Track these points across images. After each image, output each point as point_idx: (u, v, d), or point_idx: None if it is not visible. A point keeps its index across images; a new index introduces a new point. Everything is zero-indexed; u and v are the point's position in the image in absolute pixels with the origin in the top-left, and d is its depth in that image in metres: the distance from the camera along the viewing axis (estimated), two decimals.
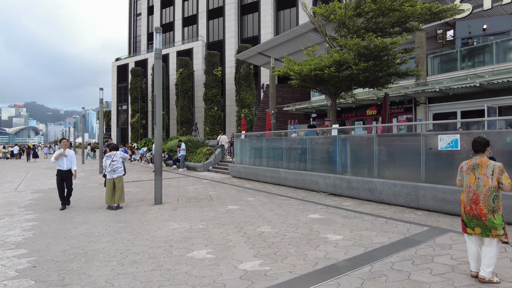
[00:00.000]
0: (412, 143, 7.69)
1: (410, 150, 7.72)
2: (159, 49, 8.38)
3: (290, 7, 40.87)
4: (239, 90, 37.75)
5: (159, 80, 8.39)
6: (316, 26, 12.32)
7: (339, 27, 11.04)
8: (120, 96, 51.63)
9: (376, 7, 9.77)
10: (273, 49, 24.01)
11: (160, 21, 49.79)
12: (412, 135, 8.23)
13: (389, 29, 10.72)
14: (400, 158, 8.00)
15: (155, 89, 8.45)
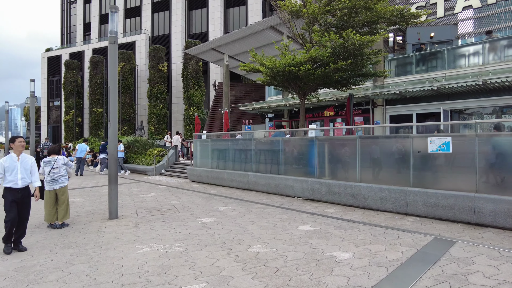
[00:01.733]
0: (399, 146, 7.35)
1: (396, 152, 7.38)
2: (115, 31, 6.94)
3: (240, 5, 40.14)
4: (187, 87, 35.96)
5: (115, 68, 6.94)
6: (284, 20, 11.68)
7: (310, 22, 10.49)
8: (52, 91, 46.12)
9: (351, 4, 9.39)
10: (227, 45, 22.99)
11: (98, 11, 45.55)
12: (399, 137, 7.92)
13: (359, 29, 10.48)
14: (386, 161, 7.62)
15: (110, 80, 6.98)
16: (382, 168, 7.70)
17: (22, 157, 5.23)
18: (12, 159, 5.12)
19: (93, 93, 40.45)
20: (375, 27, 10.44)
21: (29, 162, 5.32)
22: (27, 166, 5.26)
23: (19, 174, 5.09)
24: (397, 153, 7.38)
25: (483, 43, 13.39)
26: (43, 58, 46.84)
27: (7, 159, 5.10)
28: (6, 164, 5.05)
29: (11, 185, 5.01)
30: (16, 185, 5.04)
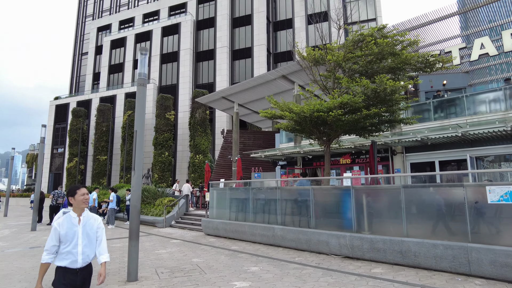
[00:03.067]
0: (451, 196, 6.64)
1: (449, 203, 6.65)
2: (144, 74, 6.62)
3: (246, 57, 41.63)
4: (194, 135, 35.87)
5: (142, 110, 6.49)
6: (304, 67, 11.59)
7: (334, 69, 10.34)
8: (57, 138, 46.06)
9: (377, 50, 9.28)
10: (238, 94, 23.16)
11: (108, 61, 47.18)
12: (449, 186, 7.23)
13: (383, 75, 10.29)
14: (436, 213, 6.85)
15: (137, 123, 6.49)
16: (432, 221, 6.90)
17: (85, 217, 3.33)
18: (72, 222, 3.23)
19: (98, 141, 40.31)
20: (399, 73, 10.26)
21: (95, 224, 3.40)
22: (92, 231, 3.34)
23: (80, 245, 3.21)
24: (449, 204, 6.64)
25: (503, 90, 13.25)
26: (51, 106, 47.51)
27: (63, 223, 3.20)
28: (62, 230, 3.18)
29: (67, 263, 3.16)
30: (75, 264, 3.19)
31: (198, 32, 43.73)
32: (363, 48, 9.44)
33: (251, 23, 41.46)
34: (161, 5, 47.01)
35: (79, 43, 56.01)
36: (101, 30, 50.97)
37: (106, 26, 50.55)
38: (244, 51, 41.58)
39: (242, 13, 42.43)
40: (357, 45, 10.21)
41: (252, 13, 41.46)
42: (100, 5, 56.33)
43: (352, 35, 9.83)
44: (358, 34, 10.11)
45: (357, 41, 10.09)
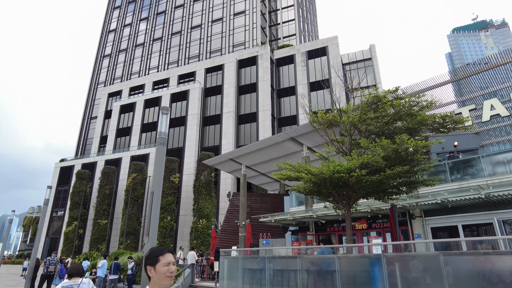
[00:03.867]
0: (500, 264, 5.93)
1: (500, 273, 5.90)
2: (164, 133, 6.45)
3: (251, 122, 42.68)
4: (198, 198, 35.07)
5: (160, 171, 6.17)
6: (318, 128, 11.57)
7: (350, 130, 10.25)
8: (58, 201, 45.14)
9: (394, 111, 9.27)
10: (246, 156, 23.07)
11: (117, 125, 48.40)
12: (501, 254, 6.53)
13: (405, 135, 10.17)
14: (487, 284, 6.05)
15: (154, 184, 6.11)
16: None
17: None
18: None
19: (99, 204, 39.37)
20: (415, 134, 10.14)
21: None
22: None
23: None
24: (501, 274, 5.89)
25: None
26: (56, 168, 47.50)
27: None
28: None
29: None
30: None
31: (205, 99, 45.52)
32: (380, 109, 9.45)
33: (256, 90, 43.34)
34: (171, 73, 49.79)
35: (89, 108, 58.18)
36: (112, 96, 53.29)
37: (117, 92, 52.97)
38: (249, 116, 42.78)
39: (248, 81, 44.63)
40: (370, 107, 10.27)
41: (257, 81, 43.59)
42: (113, 73, 59.80)
43: (367, 97, 9.94)
44: (372, 96, 10.22)
45: (371, 103, 10.17)
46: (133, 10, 64.25)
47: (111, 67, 60.64)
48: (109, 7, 68.76)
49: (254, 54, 45.05)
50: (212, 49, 51.87)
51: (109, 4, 69.26)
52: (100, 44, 64.83)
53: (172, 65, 54.23)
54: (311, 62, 44.47)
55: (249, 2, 51.86)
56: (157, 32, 58.81)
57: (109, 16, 67.32)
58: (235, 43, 50.58)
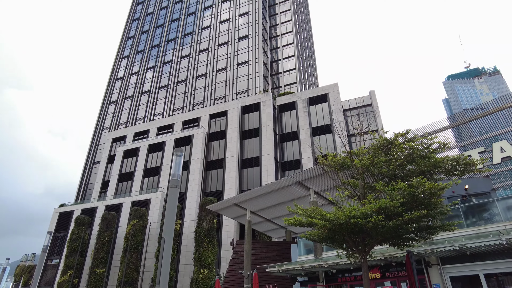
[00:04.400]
0: None
1: None
2: (178, 175, 6.30)
3: (254, 166, 42.57)
4: (199, 246, 33.75)
5: (172, 215, 5.90)
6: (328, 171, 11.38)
7: (363, 172, 10.07)
8: (54, 248, 43.47)
9: (408, 153, 9.17)
10: (251, 201, 22.59)
11: (119, 170, 48.25)
12: None
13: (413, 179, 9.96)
14: None
15: (166, 229, 5.82)
16: None
17: None
18: None
19: (97, 251, 37.84)
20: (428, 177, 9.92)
21: None
22: None
23: None
24: None
25: None
26: (55, 214, 46.47)
27: None
28: None
29: None
30: None
31: (209, 143, 45.87)
32: (392, 152, 9.36)
33: (259, 135, 43.82)
34: (175, 119, 50.74)
35: (93, 153, 58.46)
36: (116, 141, 53.81)
37: (121, 137, 53.57)
38: (252, 160, 42.77)
39: (251, 126, 45.29)
40: (381, 150, 10.19)
41: (260, 126, 44.23)
42: (118, 119, 60.98)
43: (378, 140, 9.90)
44: (383, 139, 10.19)
45: (382, 146, 10.11)
46: (141, 60, 67.29)
47: (117, 113, 62.03)
48: (118, 56, 72.12)
49: (257, 101, 46.23)
50: (216, 96, 53.40)
51: (118, 53, 72.73)
52: (107, 91, 66.96)
53: (177, 111, 55.47)
54: (312, 108, 45.45)
55: (252, 53, 54.39)
56: (163, 80, 61.01)
57: (117, 65, 70.33)
58: (238, 91, 52.16)
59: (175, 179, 6.27)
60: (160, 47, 66.53)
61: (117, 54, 72.95)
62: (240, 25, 59.47)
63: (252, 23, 57.54)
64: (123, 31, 77.00)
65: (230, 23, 60.86)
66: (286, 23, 61.29)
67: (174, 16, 70.29)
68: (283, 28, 61.27)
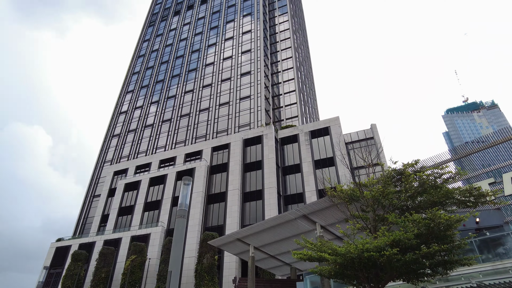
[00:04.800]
0: None
1: None
2: (185, 204, 6.09)
3: (256, 199, 41.94)
4: (199, 284, 32.38)
5: (179, 247, 5.60)
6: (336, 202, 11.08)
7: (374, 204, 9.78)
8: (47, 286, 41.69)
9: (419, 184, 8.95)
10: (254, 236, 21.91)
11: (120, 204, 47.51)
12: None
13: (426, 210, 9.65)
14: None
15: (172, 262, 5.50)
16: None
17: None
18: None
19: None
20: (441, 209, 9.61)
21: None
22: None
23: None
24: None
25: None
26: (51, 248, 45.13)
27: None
28: None
29: None
30: None
31: (211, 176, 45.52)
32: (404, 182, 9.14)
33: (261, 167, 43.57)
34: (177, 152, 50.77)
35: (93, 186, 57.93)
36: (117, 174, 53.50)
37: (123, 171, 53.31)
38: (254, 194, 42.20)
39: (253, 159, 45.18)
40: (390, 181, 9.98)
41: (263, 159, 44.12)
42: (120, 152, 61.11)
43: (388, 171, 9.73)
44: (392, 170, 10.02)
45: (391, 176, 9.91)
46: (145, 94, 68.73)
47: (119, 146, 62.29)
48: (123, 91, 73.75)
49: (259, 134, 46.50)
50: (219, 129, 53.86)
51: (123, 88, 74.44)
52: (111, 125, 67.72)
53: (179, 144, 55.69)
54: (314, 141, 45.56)
55: (254, 88, 55.61)
56: (167, 114, 61.89)
57: (122, 99, 71.72)
58: (240, 124, 52.70)
59: (182, 208, 6.05)
60: (165, 82, 68.21)
61: (121, 88, 74.68)
62: (243, 62, 61.33)
63: (254, 60, 59.37)
64: (129, 66, 79.40)
65: (233, 60, 62.81)
66: (286, 60, 63.22)
67: (179, 53, 72.75)
68: (284, 64, 63.10)
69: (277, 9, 74.52)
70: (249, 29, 66.36)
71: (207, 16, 76.77)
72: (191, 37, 74.53)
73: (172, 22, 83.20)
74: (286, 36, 67.20)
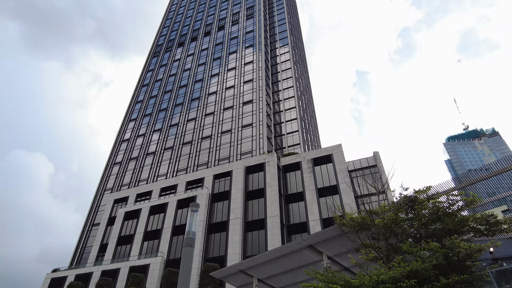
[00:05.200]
0: None
1: None
2: (193, 232, 5.77)
3: (259, 229, 40.95)
4: None
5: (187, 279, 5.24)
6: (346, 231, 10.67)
7: (386, 232, 9.39)
8: None
9: (432, 211, 8.63)
10: (258, 267, 21.11)
11: (119, 233, 46.43)
12: None
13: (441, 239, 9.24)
14: None
15: None
16: None
17: None
18: None
19: None
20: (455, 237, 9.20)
21: None
22: None
23: None
24: None
25: None
26: (46, 280, 43.57)
27: None
28: None
29: None
30: None
31: (212, 204, 44.79)
32: (417, 209, 8.82)
33: (264, 195, 42.92)
34: (179, 180, 50.31)
35: (93, 214, 56.96)
36: (118, 202, 52.74)
37: (123, 199, 52.61)
38: (257, 223, 41.27)
39: (256, 186, 44.62)
40: (402, 208, 9.66)
41: (265, 186, 43.56)
42: (121, 180, 60.64)
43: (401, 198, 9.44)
44: (403, 196, 9.72)
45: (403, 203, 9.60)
46: (148, 122, 69.28)
47: (121, 173, 61.93)
48: (126, 119, 74.43)
49: (262, 161, 46.24)
50: (221, 157, 53.71)
51: (126, 116, 75.18)
52: (113, 152, 67.72)
53: (180, 172, 55.34)
54: (317, 169, 45.15)
55: (256, 116, 56.09)
56: (169, 142, 62.04)
57: (125, 127, 72.22)
58: (242, 152, 52.62)
59: (190, 237, 5.74)
60: (168, 111, 68.97)
61: (125, 117, 75.42)
62: (245, 91, 62.31)
63: (256, 89, 60.33)
64: (132, 95, 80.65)
65: (235, 89, 63.85)
66: (288, 89, 64.22)
67: (182, 83, 74.14)
68: (286, 93, 64.00)
69: (278, 41, 76.72)
70: (251, 60, 68.02)
71: (210, 48, 78.98)
72: (194, 67, 76.26)
73: (176, 53, 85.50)
74: (287, 67, 68.69)
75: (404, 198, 9.64)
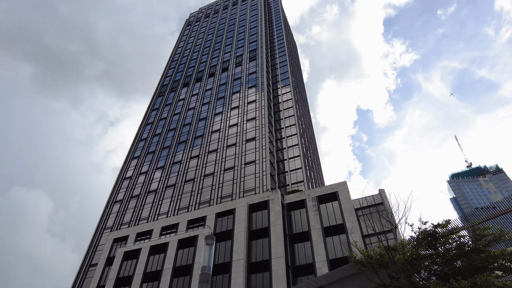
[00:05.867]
0: None
1: None
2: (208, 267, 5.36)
3: (263, 271, 39.18)
4: None
5: None
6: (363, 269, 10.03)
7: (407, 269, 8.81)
8: None
9: (456, 246, 8.14)
10: None
11: (117, 274, 44.43)
12: None
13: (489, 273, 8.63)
14: None
15: None
16: None
17: None
18: None
19: None
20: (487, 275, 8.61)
21: None
22: None
23: None
24: None
25: None
26: None
27: None
28: None
29: None
30: None
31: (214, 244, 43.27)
32: (439, 243, 8.33)
33: (268, 235, 41.58)
34: (180, 219, 49.12)
35: (91, 254, 54.97)
36: (117, 241, 51.08)
37: (123, 238, 51.02)
38: (261, 264, 39.56)
39: (259, 225, 43.38)
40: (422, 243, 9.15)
41: (269, 225, 42.34)
42: (121, 218, 59.31)
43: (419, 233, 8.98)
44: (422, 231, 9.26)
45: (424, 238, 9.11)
46: (151, 160, 69.25)
47: (121, 212, 60.74)
48: (129, 157, 74.51)
49: (265, 199, 45.38)
50: (223, 194, 52.93)
51: (129, 154, 75.34)
52: (114, 190, 66.95)
53: (182, 210, 54.26)
54: (322, 207, 44.15)
55: (259, 153, 56.10)
56: (171, 179, 61.54)
57: (127, 165, 72.06)
58: (246, 189, 51.93)
59: (206, 272, 5.35)
60: (171, 148, 69.24)
61: (127, 154, 75.58)
62: (248, 129, 62.94)
63: (259, 127, 60.96)
64: (136, 133, 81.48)
65: (238, 127, 64.56)
66: (290, 126, 64.88)
67: (186, 121, 75.22)
68: (288, 131, 64.56)
69: (280, 82, 78.90)
70: (254, 99, 69.52)
71: (214, 88, 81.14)
72: (198, 106, 77.81)
73: (181, 93, 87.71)
74: (289, 105, 70.00)
75: (423, 232, 9.18)
